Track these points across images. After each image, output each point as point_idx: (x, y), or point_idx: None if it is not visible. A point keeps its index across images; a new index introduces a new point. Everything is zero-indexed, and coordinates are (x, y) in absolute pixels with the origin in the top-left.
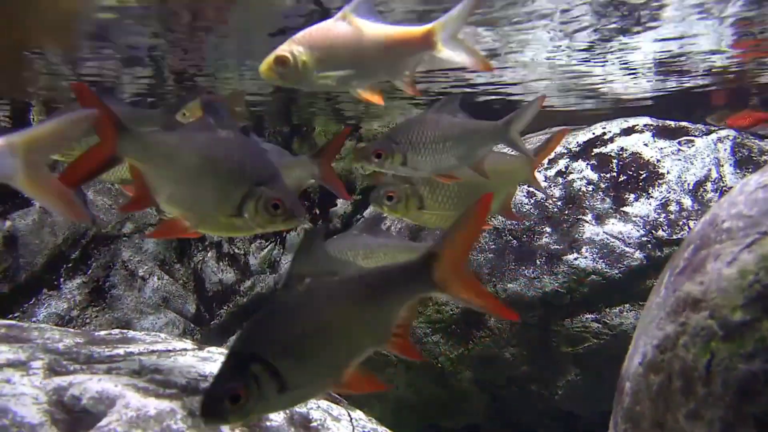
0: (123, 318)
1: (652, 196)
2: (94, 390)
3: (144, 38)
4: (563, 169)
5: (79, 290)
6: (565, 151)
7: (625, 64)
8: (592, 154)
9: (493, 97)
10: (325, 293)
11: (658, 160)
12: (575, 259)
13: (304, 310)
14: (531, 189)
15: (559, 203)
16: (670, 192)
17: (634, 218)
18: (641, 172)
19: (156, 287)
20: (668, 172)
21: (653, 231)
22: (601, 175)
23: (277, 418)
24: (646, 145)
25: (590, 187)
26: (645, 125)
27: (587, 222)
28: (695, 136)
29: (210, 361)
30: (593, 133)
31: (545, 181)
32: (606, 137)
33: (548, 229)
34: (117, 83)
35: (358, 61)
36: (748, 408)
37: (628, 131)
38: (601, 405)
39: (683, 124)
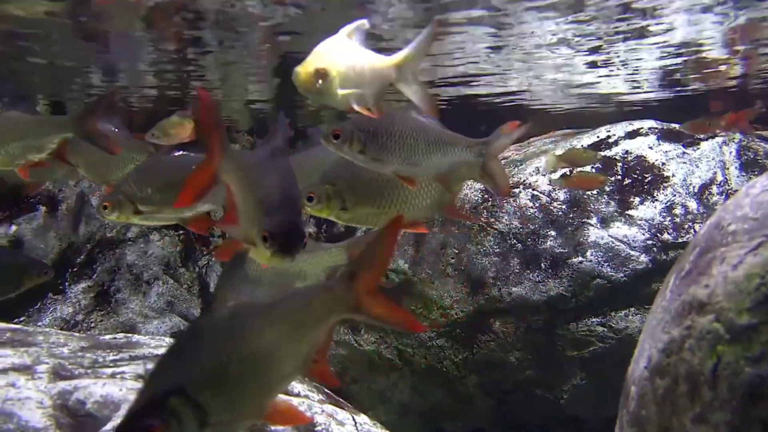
0: (128, 322)
1: (657, 200)
2: (99, 394)
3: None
4: (568, 173)
5: (84, 294)
6: None
7: (631, 69)
8: (597, 157)
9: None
10: (247, 319)
11: (663, 163)
12: (580, 262)
13: (227, 336)
14: (535, 192)
15: (563, 207)
16: (675, 195)
17: (639, 221)
18: (646, 176)
19: (161, 291)
20: (673, 175)
21: (658, 234)
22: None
23: None
24: (651, 148)
25: (595, 191)
26: (650, 128)
27: (592, 225)
28: (700, 138)
29: None
30: (597, 137)
31: (549, 184)
32: (610, 140)
33: (553, 233)
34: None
35: (362, 82)
36: (755, 412)
37: (632, 134)
38: (606, 409)
39: None
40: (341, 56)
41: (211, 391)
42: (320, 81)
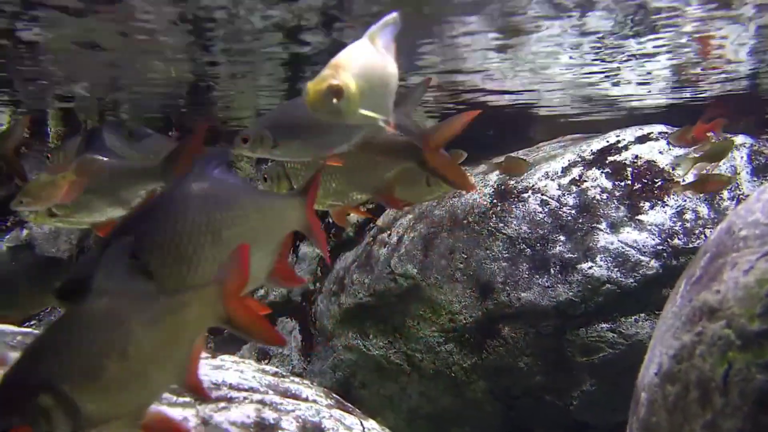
0: None
1: (667, 204)
2: None
3: None
4: (577, 178)
5: None
6: (579, 159)
7: (640, 72)
8: (607, 162)
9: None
10: (124, 314)
11: (674, 168)
12: (589, 267)
13: (103, 331)
14: (544, 197)
15: (573, 212)
16: (685, 200)
17: (649, 226)
18: (656, 180)
19: None
20: (683, 180)
21: (669, 239)
22: (616, 183)
23: (289, 427)
24: (660, 152)
25: (604, 196)
26: (660, 133)
27: (601, 230)
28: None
29: (223, 369)
30: (607, 141)
31: (559, 189)
32: (620, 145)
33: (562, 238)
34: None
35: (389, 92)
36: (766, 419)
37: (642, 139)
38: (616, 415)
39: None
40: (362, 67)
41: (87, 390)
42: (335, 100)
